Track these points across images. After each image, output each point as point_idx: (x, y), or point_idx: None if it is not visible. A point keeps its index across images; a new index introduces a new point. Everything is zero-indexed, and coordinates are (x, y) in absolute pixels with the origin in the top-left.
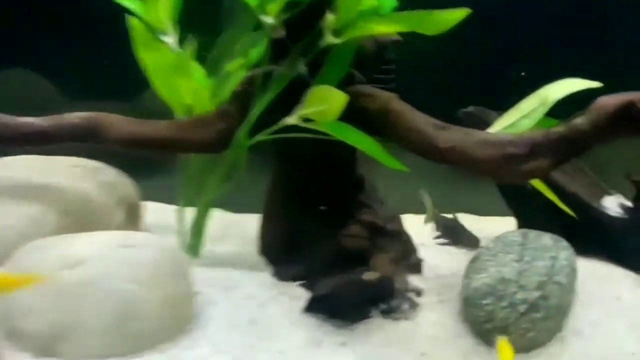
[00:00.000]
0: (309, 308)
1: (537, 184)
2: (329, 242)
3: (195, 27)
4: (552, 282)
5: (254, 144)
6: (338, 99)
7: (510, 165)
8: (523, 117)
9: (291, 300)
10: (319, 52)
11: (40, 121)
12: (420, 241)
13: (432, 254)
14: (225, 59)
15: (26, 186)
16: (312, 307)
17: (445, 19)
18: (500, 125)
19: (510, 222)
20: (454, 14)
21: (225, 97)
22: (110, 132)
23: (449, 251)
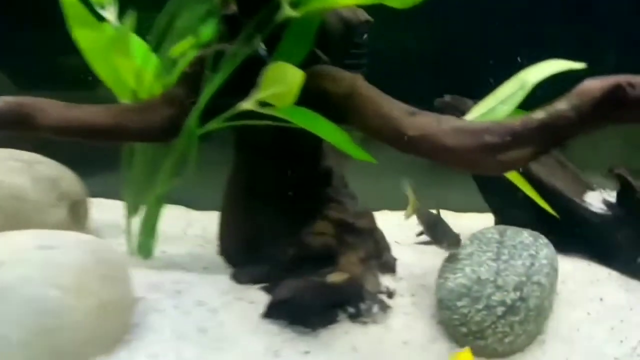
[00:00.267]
0: (268, 314)
1: (515, 177)
2: (292, 240)
3: None
4: (531, 283)
5: (215, 132)
6: (294, 78)
7: (486, 155)
8: (500, 103)
9: (249, 306)
10: (276, 28)
11: None
12: (395, 239)
13: (408, 252)
14: (170, 36)
15: None
16: (272, 313)
17: None
18: (476, 112)
19: (489, 218)
20: None
21: (173, 80)
22: (42, 118)
23: (424, 249)
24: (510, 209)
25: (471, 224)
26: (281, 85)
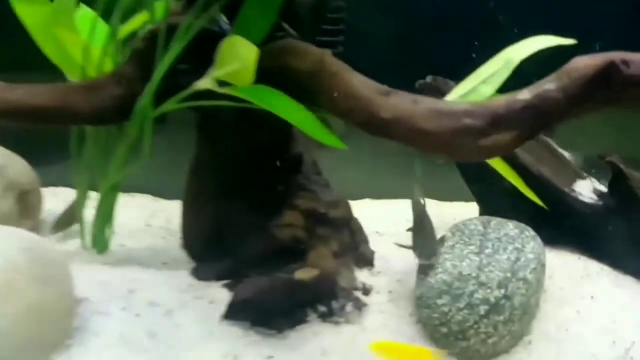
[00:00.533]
0: (229, 315)
1: (499, 164)
2: (258, 233)
3: None
4: (516, 279)
5: (185, 115)
6: (249, 54)
7: (466, 139)
8: (483, 83)
9: (209, 306)
10: None
11: None
12: (376, 229)
13: (388, 244)
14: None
15: None
16: (233, 314)
17: None
18: (457, 93)
19: (474, 208)
20: None
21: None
22: None
23: (407, 241)
24: (496, 199)
25: (454, 213)
26: (236, 62)
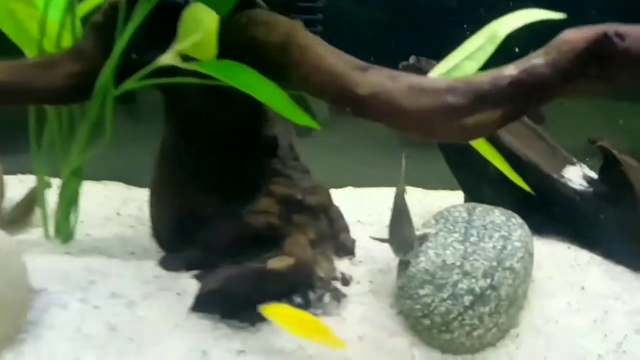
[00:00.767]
0: (197, 307)
1: (485, 147)
2: (231, 220)
3: None
4: (503, 268)
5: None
6: (209, 23)
7: (448, 118)
8: (467, 59)
9: (176, 297)
10: None
11: None
12: (358, 218)
13: (370, 233)
14: None
15: None
16: (201, 306)
17: None
18: (440, 70)
19: (460, 196)
20: None
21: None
22: None
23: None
24: (481, 186)
25: (440, 202)
26: (198, 34)
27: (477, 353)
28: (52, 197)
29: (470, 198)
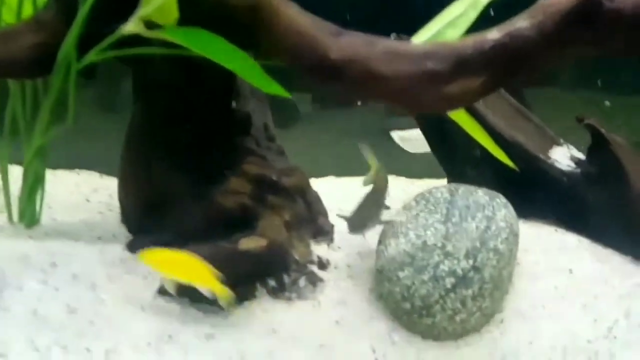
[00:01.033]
0: (164, 289)
1: (467, 121)
2: (201, 201)
3: None
4: (486, 249)
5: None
6: None
7: (428, 85)
8: (448, 26)
9: (142, 281)
10: None
11: None
12: (338, 206)
13: None
14: None
15: None
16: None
17: None
18: (420, 37)
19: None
20: None
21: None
22: None
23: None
24: (465, 169)
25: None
26: None
27: (460, 339)
28: (18, 181)
29: (452, 180)
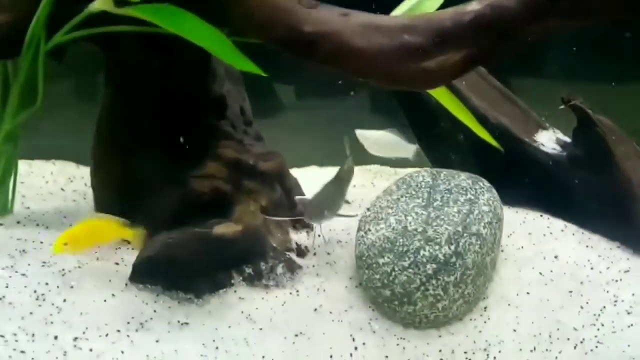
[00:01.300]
0: (135, 276)
1: (451, 103)
2: (175, 186)
3: None
4: (468, 234)
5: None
6: None
7: (406, 60)
8: None
9: (114, 267)
10: None
11: None
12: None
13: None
14: None
15: None
16: (139, 275)
17: None
18: (399, 10)
19: None
20: None
21: None
22: None
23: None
24: (449, 155)
25: None
26: None
27: (442, 327)
28: None
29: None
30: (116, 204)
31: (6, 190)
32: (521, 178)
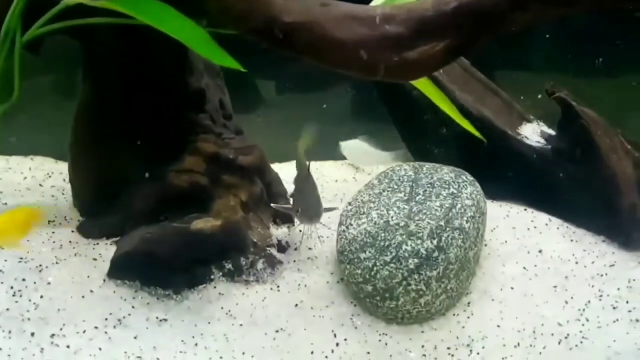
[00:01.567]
0: (113, 272)
1: (434, 94)
2: (154, 181)
3: None
4: (451, 228)
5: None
6: None
7: (387, 51)
8: None
9: (92, 263)
10: None
11: None
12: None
13: None
14: None
15: None
16: (117, 271)
17: None
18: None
19: None
20: None
21: None
22: None
23: (335, 198)
24: (431, 149)
25: None
26: None
27: (425, 322)
28: None
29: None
30: (94, 198)
31: None
32: (505, 171)
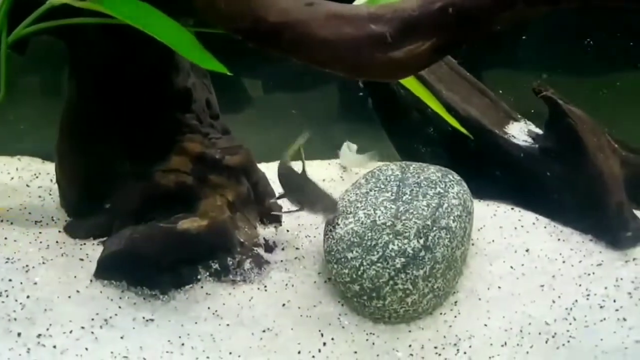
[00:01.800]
0: (99, 272)
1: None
2: (139, 181)
3: None
4: (438, 227)
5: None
6: None
7: (373, 50)
8: None
9: (79, 264)
10: None
11: None
12: None
13: None
14: None
15: None
16: (105, 270)
17: None
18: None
19: None
20: None
21: None
22: None
23: None
24: (418, 148)
25: None
26: None
27: (412, 322)
28: None
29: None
30: (81, 199)
31: None
32: (492, 171)
